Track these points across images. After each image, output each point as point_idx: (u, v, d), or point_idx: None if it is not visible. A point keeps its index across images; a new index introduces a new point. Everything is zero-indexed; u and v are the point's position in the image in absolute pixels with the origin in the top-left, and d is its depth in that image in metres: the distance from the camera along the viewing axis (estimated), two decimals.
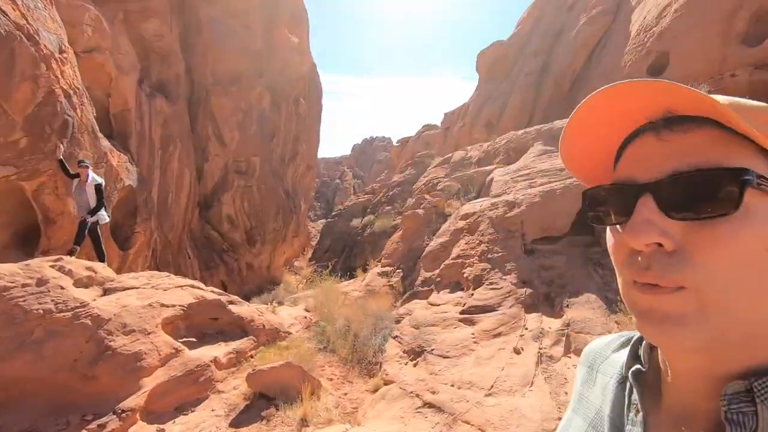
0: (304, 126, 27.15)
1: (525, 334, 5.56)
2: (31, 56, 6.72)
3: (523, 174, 9.75)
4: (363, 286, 9.74)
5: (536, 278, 6.76)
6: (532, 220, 7.73)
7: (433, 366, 5.41)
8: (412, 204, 11.42)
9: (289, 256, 30.42)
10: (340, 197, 79.21)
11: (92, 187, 7.29)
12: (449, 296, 7.37)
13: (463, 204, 10.69)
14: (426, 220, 10.60)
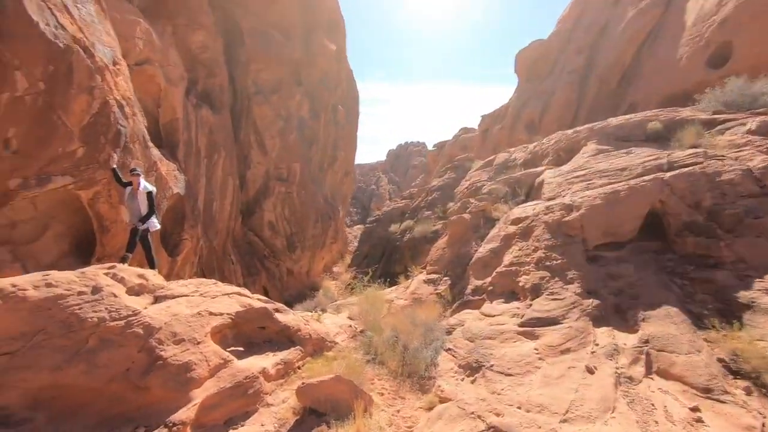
0: (342, 132, 27.23)
1: (596, 351, 5.02)
2: (87, 68, 6.86)
3: (578, 175, 9.11)
4: (408, 294, 9.38)
5: (603, 288, 6.17)
6: (594, 224, 7.13)
7: (495, 384, 4.97)
8: (457, 208, 10.98)
9: (327, 262, 30.52)
10: (375, 203, 79.36)
11: (143, 195, 7.36)
12: (504, 306, 6.89)
13: (511, 208, 10.15)
14: (473, 225, 10.12)
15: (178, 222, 11.64)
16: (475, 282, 8.13)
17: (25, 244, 8.36)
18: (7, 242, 8.04)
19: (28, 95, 6.10)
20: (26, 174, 6.59)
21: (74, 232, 9.21)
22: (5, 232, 8.01)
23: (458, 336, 6.56)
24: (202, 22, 14.19)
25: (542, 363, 5.07)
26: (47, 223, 8.71)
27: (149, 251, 7.86)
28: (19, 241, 8.25)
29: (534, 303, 6.37)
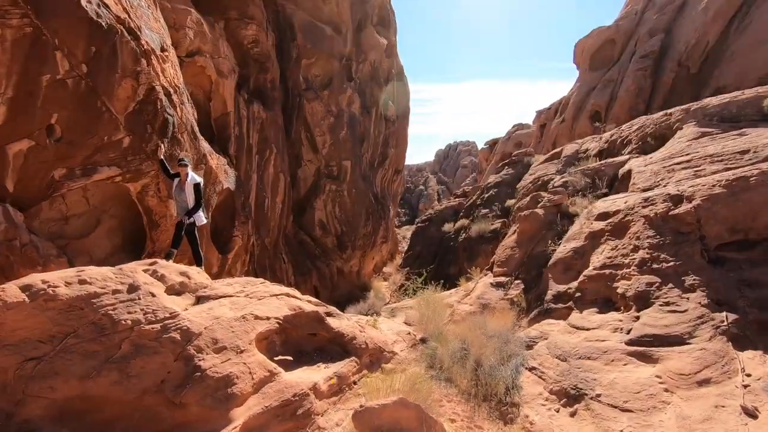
0: (393, 129, 26.41)
1: (751, 384, 3.71)
2: (132, 51, 6.39)
3: (679, 161, 7.59)
4: (474, 299, 8.26)
5: (738, 298, 4.78)
6: (716, 218, 5.69)
7: (608, 422, 3.79)
8: (527, 203, 9.70)
9: (378, 262, 29.80)
10: (424, 203, 78.05)
11: (191, 187, 6.82)
12: (599, 317, 5.63)
13: (591, 201, 8.75)
14: (547, 221, 8.83)
15: (228, 218, 11.24)
16: (556, 287, 6.88)
17: (78, 239, 8.13)
18: (60, 236, 7.83)
19: (69, 78, 5.68)
20: (71, 164, 6.22)
21: (126, 226, 8.95)
22: (58, 226, 7.81)
23: (543, 352, 5.40)
24: (254, 15, 13.84)
25: (672, 397, 3.83)
26: (99, 218, 8.48)
27: (196, 247, 7.32)
28: (72, 236, 8.03)
29: (642, 315, 5.08)
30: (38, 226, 7.45)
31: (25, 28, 4.98)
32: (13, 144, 5.37)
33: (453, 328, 7.12)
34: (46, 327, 4.27)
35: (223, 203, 10.86)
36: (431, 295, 9.85)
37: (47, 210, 7.55)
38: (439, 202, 64.41)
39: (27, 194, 5.91)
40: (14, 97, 5.15)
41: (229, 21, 13.23)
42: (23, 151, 5.51)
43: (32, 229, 7.06)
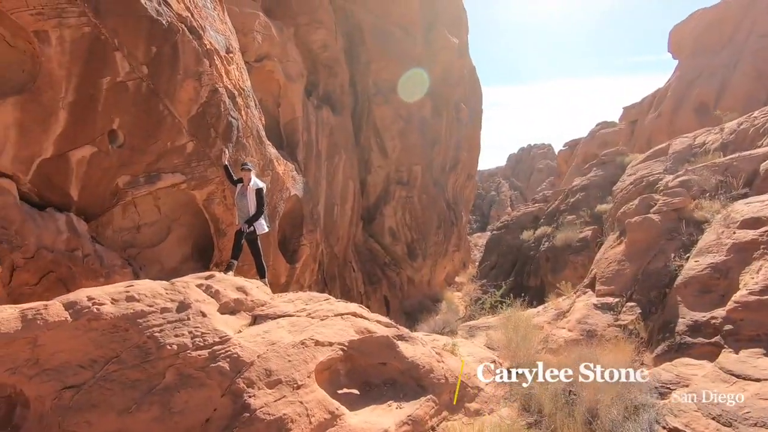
0: (465, 132, 25.08)
1: None
2: (193, 51, 6.03)
3: None
4: (573, 324, 6.85)
5: None
6: None
7: None
8: (635, 207, 8.04)
9: (449, 271, 28.43)
10: (496, 210, 74.73)
11: (253, 192, 6.29)
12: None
13: (725, 204, 6.94)
14: (665, 229, 7.16)
15: (296, 226, 10.81)
16: (690, 314, 5.32)
17: (150, 248, 8.04)
18: (132, 245, 7.76)
19: (130, 80, 5.38)
20: (134, 171, 5.96)
21: (196, 235, 8.78)
22: (131, 235, 7.74)
23: (689, 408, 3.97)
24: (323, 20, 13.51)
25: None
26: (170, 226, 8.36)
27: (259, 258, 6.77)
28: (144, 245, 7.94)
29: None
30: (111, 235, 7.40)
31: (83, 27, 4.69)
32: (75, 150, 5.14)
33: (550, 360, 5.82)
34: (88, 350, 3.80)
35: (290, 211, 10.45)
36: (516, 314, 8.53)
37: (120, 219, 7.49)
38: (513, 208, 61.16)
39: (92, 203, 5.70)
40: (75, 101, 4.90)
41: (299, 26, 13.00)
42: (86, 157, 5.28)
43: (101, 239, 6.99)
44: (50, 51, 4.60)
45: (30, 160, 4.77)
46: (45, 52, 4.57)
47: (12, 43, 4.81)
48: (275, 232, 9.64)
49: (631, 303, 6.48)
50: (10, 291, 4.55)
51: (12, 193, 4.64)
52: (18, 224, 4.63)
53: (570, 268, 14.88)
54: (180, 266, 8.50)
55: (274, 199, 9.09)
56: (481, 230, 65.84)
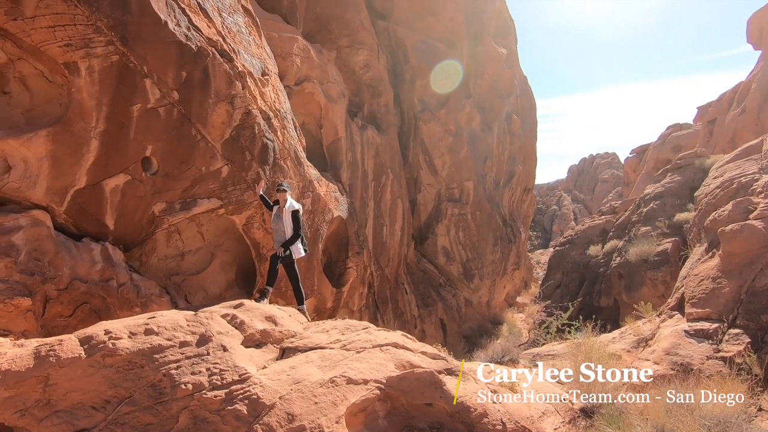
0: (518, 144, 23.89)
1: None
2: (225, 74, 5.92)
3: None
4: (660, 355, 5.71)
5: None
6: None
7: None
8: (728, 214, 6.76)
9: (510, 291, 26.81)
10: (558, 224, 70.78)
11: (289, 214, 5.99)
12: None
13: None
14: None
15: (341, 249, 10.45)
16: None
17: (194, 275, 8.00)
18: (177, 273, 7.75)
19: (161, 106, 5.31)
20: (170, 197, 5.86)
21: (239, 260, 8.67)
22: (174, 262, 7.75)
23: None
24: (364, 41, 13.43)
25: None
26: (213, 253, 8.31)
27: (296, 283, 6.40)
28: (188, 272, 7.91)
29: None
30: (156, 263, 7.43)
31: (111, 56, 4.67)
32: (109, 179, 5.10)
33: (635, 403, 4.78)
34: (102, 389, 3.53)
35: (335, 233, 10.12)
36: (588, 340, 7.44)
37: (164, 247, 7.52)
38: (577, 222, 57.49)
39: (129, 231, 5.64)
40: (106, 130, 4.86)
41: (341, 49, 12.99)
42: (120, 186, 5.23)
43: (145, 267, 6.99)
44: (80, 81, 4.60)
45: (64, 190, 4.76)
46: (75, 83, 4.58)
47: (51, 78, 4.90)
48: (319, 255, 9.32)
49: (736, 330, 5.26)
50: (44, 323, 4.47)
51: (46, 224, 4.63)
52: (51, 255, 4.59)
53: (648, 286, 13.19)
54: (224, 293, 8.38)
55: (316, 221, 8.80)
56: (543, 247, 62.46)
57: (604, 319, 13.55)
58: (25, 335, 4.30)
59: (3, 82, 4.81)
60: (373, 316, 13.99)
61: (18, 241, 4.31)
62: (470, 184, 19.14)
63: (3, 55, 4.57)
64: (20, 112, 4.78)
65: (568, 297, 18.20)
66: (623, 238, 16.43)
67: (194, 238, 7.86)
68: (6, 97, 4.83)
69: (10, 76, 4.79)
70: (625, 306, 14.52)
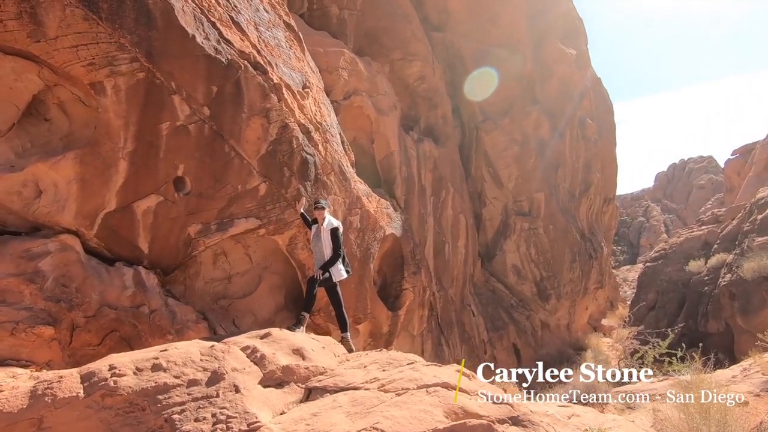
0: (595, 150, 21.72)
1: None
2: (258, 86, 5.61)
3: None
4: None
5: None
6: None
7: None
8: None
9: (592, 313, 24.11)
10: (647, 238, 63.99)
11: (328, 233, 5.44)
12: None
13: None
14: None
15: (396, 269, 9.72)
16: None
17: (241, 299, 7.72)
18: (224, 297, 7.52)
19: (191, 123, 5.08)
20: (205, 218, 5.59)
21: (288, 283, 8.28)
22: (222, 286, 7.52)
23: None
24: (417, 52, 12.91)
25: None
26: (261, 275, 7.99)
27: (339, 308, 5.76)
28: (235, 296, 7.64)
29: None
30: (202, 287, 7.23)
31: (136, 73, 4.50)
32: (140, 201, 4.90)
33: None
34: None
35: (388, 252, 9.44)
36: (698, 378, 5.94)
37: (210, 270, 7.32)
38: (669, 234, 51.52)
39: (164, 255, 5.42)
40: (135, 150, 4.68)
41: (393, 62, 12.57)
42: (152, 207, 5.02)
43: (190, 291, 6.80)
44: (106, 101, 4.46)
45: (93, 213, 4.61)
46: (101, 102, 4.45)
47: (87, 102, 4.85)
48: (371, 276, 8.68)
49: None
50: (71, 353, 4.26)
51: (75, 249, 4.48)
52: (80, 281, 4.42)
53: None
54: (273, 317, 8.01)
55: (367, 239, 8.19)
56: (630, 262, 56.48)
57: (715, 348, 11.27)
58: (50, 366, 4.10)
59: (45, 110, 4.83)
60: (437, 341, 12.97)
61: (45, 267, 4.18)
62: (541, 195, 17.54)
63: (40, 81, 4.57)
64: (59, 137, 4.75)
65: (665, 321, 15.71)
66: (733, 251, 13.85)
67: (241, 260, 7.61)
68: (47, 124, 4.84)
69: (51, 104, 4.81)
70: (740, 332, 12.06)
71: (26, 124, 4.64)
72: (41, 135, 4.73)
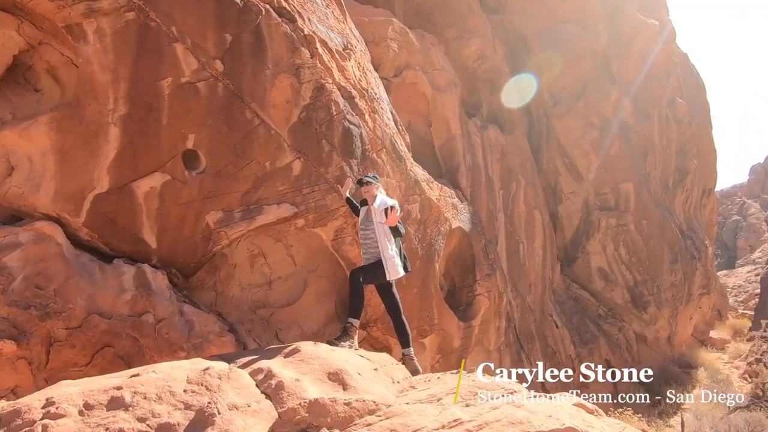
0: (689, 134, 18.60)
1: None
2: (284, 37, 4.42)
3: None
4: None
5: None
6: None
7: None
8: None
9: (698, 323, 20.43)
10: (746, 238, 55.78)
11: (383, 214, 4.02)
12: None
13: None
14: None
15: (467, 270, 8.06)
16: None
17: (284, 307, 6.50)
18: (264, 305, 6.34)
19: (201, 81, 3.97)
20: (227, 203, 4.42)
21: (339, 288, 6.93)
22: (261, 292, 6.34)
23: None
24: (475, 28, 11.37)
25: None
26: (307, 279, 6.73)
27: (398, 316, 4.24)
28: (277, 304, 6.42)
29: None
30: (238, 294, 6.10)
31: (124, 13, 3.47)
32: (140, 181, 3.83)
33: None
34: None
35: (456, 250, 7.84)
36: None
37: (248, 273, 6.18)
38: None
39: (179, 251, 4.31)
40: (129, 114, 3.63)
41: (448, 42, 11.13)
42: (156, 189, 3.93)
43: (222, 299, 5.69)
44: (88, 50, 3.45)
45: (79, 195, 3.58)
46: (82, 52, 3.44)
47: (78, 64, 3.89)
48: (437, 278, 7.12)
49: None
50: (49, 376, 3.19)
51: (55, 240, 3.46)
52: (60, 281, 3.37)
53: None
54: (322, 329, 6.69)
55: (429, 233, 6.68)
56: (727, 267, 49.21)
57: None
58: (16, 393, 3.04)
59: (35, 79, 3.96)
60: (516, 357, 10.98)
61: (12, 263, 3.18)
62: (629, 186, 14.95)
63: (21, 39, 3.68)
64: (48, 108, 3.81)
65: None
66: None
67: (283, 262, 6.41)
68: (37, 95, 3.94)
69: (40, 70, 3.93)
70: None
71: (8, 92, 3.76)
72: (28, 106, 3.83)
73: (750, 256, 46.66)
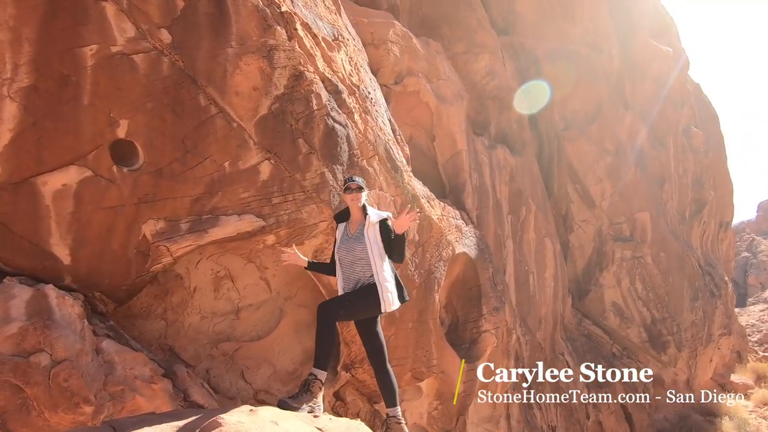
0: (705, 164, 17.66)
1: None
2: (254, 9, 3.56)
3: None
4: None
5: None
6: None
7: None
8: None
9: (717, 366, 18.89)
10: (756, 276, 53.88)
11: (375, 229, 3.00)
12: None
13: None
14: None
15: (471, 303, 6.96)
16: None
17: (254, 341, 5.43)
18: (228, 338, 5.26)
19: (138, 53, 3.07)
20: (171, 211, 3.45)
21: None
22: (227, 323, 5.28)
23: None
24: (485, 43, 10.66)
25: None
26: (283, 308, 5.69)
27: (382, 362, 3.18)
28: (245, 337, 5.36)
29: None
30: (197, 324, 5.07)
31: None
32: (47, 175, 2.88)
33: None
34: None
35: (459, 278, 6.78)
36: None
37: (211, 299, 5.16)
38: None
39: (105, 269, 3.31)
40: (34, 86, 2.72)
41: (456, 56, 10.40)
42: (71, 188, 2.97)
43: (175, 329, 4.65)
44: None
45: None
46: None
47: None
48: (437, 311, 6.04)
49: None
50: None
51: None
52: None
53: None
54: (299, 368, 5.60)
55: (428, 258, 5.65)
56: (738, 305, 47.23)
57: None
58: None
59: None
60: (526, 402, 9.71)
61: None
62: (645, 215, 13.89)
63: None
64: None
65: None
66: None
67: (255, 287, 5.40)
68: None
69: None
70: None
71: None
72: None
73: (762, 294, 44.87)
